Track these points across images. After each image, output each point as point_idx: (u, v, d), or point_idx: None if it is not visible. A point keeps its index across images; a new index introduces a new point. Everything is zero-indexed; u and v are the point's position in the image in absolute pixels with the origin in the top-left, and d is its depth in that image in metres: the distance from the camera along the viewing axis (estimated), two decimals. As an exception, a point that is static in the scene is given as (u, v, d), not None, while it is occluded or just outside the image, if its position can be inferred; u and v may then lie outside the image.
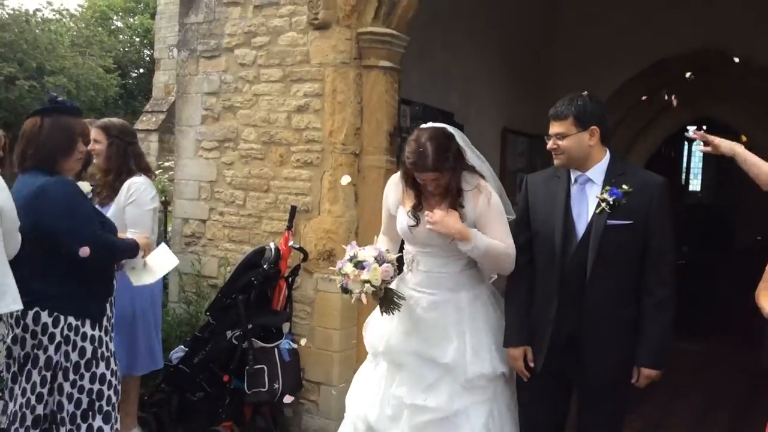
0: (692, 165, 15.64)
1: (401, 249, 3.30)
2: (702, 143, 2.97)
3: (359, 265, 2.93)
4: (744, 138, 9.10)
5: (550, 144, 2.99)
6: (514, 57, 8.11)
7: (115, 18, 25.73)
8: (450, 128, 3.08)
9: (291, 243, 4.75)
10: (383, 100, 4.96)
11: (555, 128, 2.96)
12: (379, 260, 2.94)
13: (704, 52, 8.20)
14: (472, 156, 3.11)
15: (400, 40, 5.00)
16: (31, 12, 18.84)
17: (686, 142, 14.32)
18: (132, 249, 3.41)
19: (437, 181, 2.97)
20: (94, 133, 4.00)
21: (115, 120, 4.33)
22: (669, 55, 8.38)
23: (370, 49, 4.90)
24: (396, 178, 3.26)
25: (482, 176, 3.10)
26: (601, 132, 2.93)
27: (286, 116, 5.07)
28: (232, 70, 5.33)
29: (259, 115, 5.19)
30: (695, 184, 15.89)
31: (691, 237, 11.68)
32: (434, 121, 3.17)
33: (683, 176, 15.32)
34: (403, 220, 3.14)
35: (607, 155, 2.99)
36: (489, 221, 3.01)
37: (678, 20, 8.03)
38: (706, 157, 15.39)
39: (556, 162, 3.03)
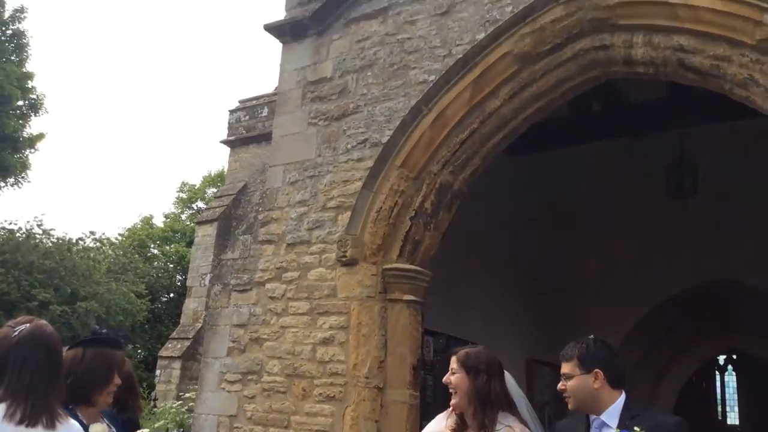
0: (727, 396, 15.00)
1: None
2: None
3: None
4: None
5: (560, 385, 3.02)
6: (534, 288, 8.30)
7: (152, 246, 27.12)
8: (508, 374, 3.15)
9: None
10: (407, 332, 5.06)
11: (563, 369, 3.02)
12: None
13: (722, 283, 8.35)
14: (521, 405, 3.13)
15: (423, 275, 5.22)
16: (74, 240, 19.99)
17: (717, 373, 13.93)
18: None
19: (453, 374, 3.05)
20: None
21: None
22: (686, 287, 8.53)
23: (395, 284, 5.11)
24: (440, 415, 3.25)
25: (526, 425, 3.07)
26: (606, 375, 2.95)
27: (311, 348, 5.14)
28: (261, 302, 5.53)
29: (284, 347, 5.28)
30: (732, 417, 15.09)
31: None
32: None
33: (719, 409, 14.62)
34: None
35: (622, 397, 2.97)
36: None
37: (693, 253, 8.31)
38: (741, 386, 14.90)
39: (569, 405, 3.03)
